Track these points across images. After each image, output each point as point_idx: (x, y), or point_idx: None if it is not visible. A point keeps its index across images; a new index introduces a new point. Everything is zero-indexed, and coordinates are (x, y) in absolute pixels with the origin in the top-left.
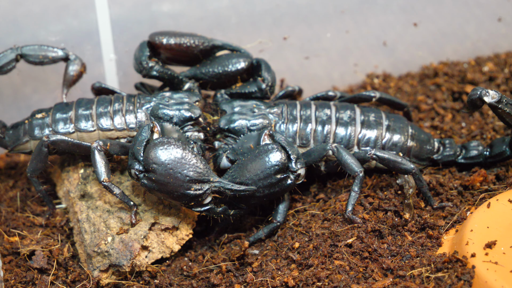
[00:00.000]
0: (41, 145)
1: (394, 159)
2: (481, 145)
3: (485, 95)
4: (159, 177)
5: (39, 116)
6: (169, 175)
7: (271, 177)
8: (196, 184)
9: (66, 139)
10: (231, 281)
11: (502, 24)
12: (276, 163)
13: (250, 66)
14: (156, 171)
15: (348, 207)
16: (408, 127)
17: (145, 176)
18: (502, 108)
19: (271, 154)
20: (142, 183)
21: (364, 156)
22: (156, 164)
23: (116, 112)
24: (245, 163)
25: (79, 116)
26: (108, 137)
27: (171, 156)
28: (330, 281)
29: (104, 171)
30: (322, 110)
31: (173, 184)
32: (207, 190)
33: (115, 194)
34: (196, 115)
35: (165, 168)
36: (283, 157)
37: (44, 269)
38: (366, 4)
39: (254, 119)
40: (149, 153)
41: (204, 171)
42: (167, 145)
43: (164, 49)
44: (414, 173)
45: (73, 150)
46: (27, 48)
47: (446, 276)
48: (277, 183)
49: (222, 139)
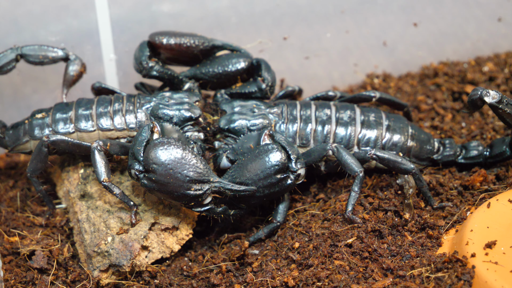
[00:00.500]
0: (41, 145)
1: (394, 159)
2: (481, 145)
3: (485, 95)
4: (159, 178)
5: (39, 116)
6: (169, 175)
7: (271, 177)
8: (196, 184)
9: (66, 139)
10: (231, 281)
11: (502, 24)
12: (276, 163)
13: (250, 66)
14: (156, 171)
15: (348, 207)
16: (408, 127)
17: (145, 177)
18: (502, 109)
19: (271, 154)
20: (142, 183)
21: (364, 156)
22: (156, 165)
23: (116, 112)
24: (245, 163)
25: (79, 116)
26: (108, 137)
27: (171, 156)
28: (330, 281)
29: (104, 171)
30: (322, 110)
31: (173, 184)
32: (207, 190)
33: (115, 194)
34: (196, 115)
35: (165, 169)
36: (283, 157)
37: (44, 269)
38: (366, 4)
39: (254, 119)
40: (149, 153)
41: (204, 171)
42: (167, 145)
43: (164, 49)
44: (414, 173)
45: (73, 150)
46: (27, 48)
47: (446, 276)
48: (277, 183)
49: (222, 139)
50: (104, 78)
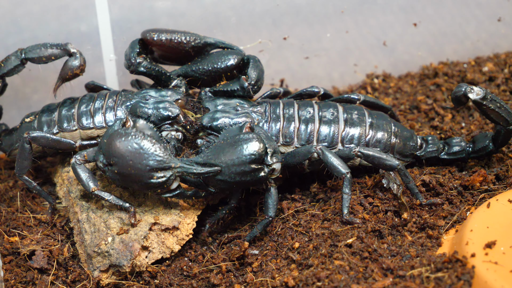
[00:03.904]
0: (23, 142)
1: (379, 155)
2: (464, 141)
3: (469, 92)
4: (121, 170)
5: (27, 120)
6: (130, 166)
7: (245, 165)
8: (158, 172)
9: (46, 135)
10: (231, 281)
11: (502, 24)
12: (253, 152)
13: (241, 63)
14: (117, 163)
15: (343, 210)
16: (391, 124)
17: (109, 169)
18: (487, 105)
19: (250, 143)
20: (108, 176)
21: (348, 153)
22: (116, 157)
23: (96, 110)
24: (223, 146)
25: (62, 116)
26: (89, 136)
27: (129, 148)
28: (330, 281)
29: (90, 181)
30: (305, 108)
31: (135, 175)
32: (170, 177)
33: (107, 200)
34: (173, 114)
35: (125, 161)
36: (261, 148)
37: (44, 269)
38: (366, 4)
39: (237, 117)
40: (109, 146)
41: (165, 158)
42: (124, 136)
43: (155, 46)
44: (399, 169)
45: (54, 147)
46: (30, 52)
47: (446, 276)
48: (250, 172)
49: (205, 137)
50: (104, 78)
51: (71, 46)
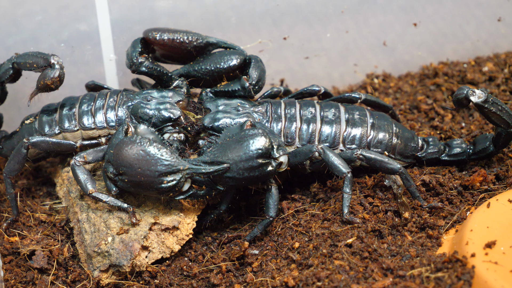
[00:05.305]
0: (21, 146)
1: (380, 159)
2: (464, 142)
3: (471, 95)
4: (131, 178)
5: (27, 122)
6: (139, 174)
7: (252, 160)
8: (167, 177)
9: (46, 139)
10: (231, 281)
11: (502, 24)
12: (260, 147)
13: (243, 63)
14: (127, 173)
15: (344, 210)
16: (392, 125)
17: (120, 179)
18: (488, 108)
19: (256, 138)
20: (120, 185)
21: (350, 156)
22: (124, 167)
23: (97, 110)
24: (229, 144)
25: (63, 116)
26: (90, 136)
27: (136, 156)
28: (330, 281)
29: (88, 183)
30: (307, 108)
31: (146, 182)
32: (180, 179)
33: (105, 202)
34: (175, 116)
35: (133, 169)
36: (267, 142)
37: (44, 269)
38: (366, 4)
39: (238, 118)
40: (116, 156)
41: (172, 162)
42: (130, 145)
43: (158, 45)
44: (401, 173)
45: (55, 150)
46: (20, 57)
47: (446, 276)
48: (258, 167)
49: (206, 138)
50: (104, 78)
51: (53, 58)
